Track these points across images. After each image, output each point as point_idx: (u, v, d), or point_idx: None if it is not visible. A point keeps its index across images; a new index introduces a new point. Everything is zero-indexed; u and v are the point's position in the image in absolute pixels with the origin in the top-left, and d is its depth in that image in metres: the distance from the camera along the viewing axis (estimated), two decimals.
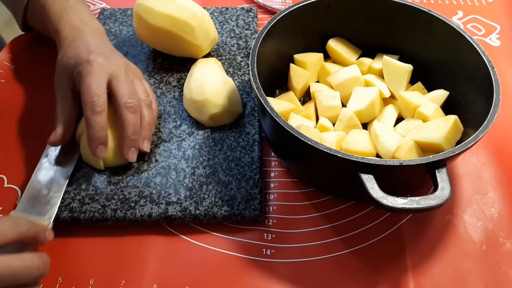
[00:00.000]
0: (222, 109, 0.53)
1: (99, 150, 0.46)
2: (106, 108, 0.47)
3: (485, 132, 0.41)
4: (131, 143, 0.48)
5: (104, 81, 0.47)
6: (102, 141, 0.46)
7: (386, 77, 0.54)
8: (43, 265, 0.38)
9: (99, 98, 0.46)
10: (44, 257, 0.39)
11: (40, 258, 0.38)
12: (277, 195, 0.50)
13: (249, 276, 0.44)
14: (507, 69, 0.63)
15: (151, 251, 0.46)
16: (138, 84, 0.52)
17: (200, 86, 0.53)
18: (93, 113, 0.45)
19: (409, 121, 0.51)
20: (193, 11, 0.57)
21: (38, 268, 0.38)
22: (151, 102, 0.52)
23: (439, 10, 0.58)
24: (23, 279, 0.37)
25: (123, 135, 0.48)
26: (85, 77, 0.47)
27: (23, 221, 0.39)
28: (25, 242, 0.40)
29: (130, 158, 0.48)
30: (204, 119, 0.53)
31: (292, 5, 0.53)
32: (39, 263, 0.38)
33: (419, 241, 0.47)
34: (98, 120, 0.46)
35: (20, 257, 0.37)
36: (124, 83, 0.49)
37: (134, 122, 0.48)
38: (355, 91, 0.53)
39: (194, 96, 0.53)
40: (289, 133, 0.41)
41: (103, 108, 0.46)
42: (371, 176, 0.39)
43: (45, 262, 0.39)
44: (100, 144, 0.46)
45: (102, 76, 0.47)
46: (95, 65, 0.47)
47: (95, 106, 0.45)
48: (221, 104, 0.53)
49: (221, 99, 0.53)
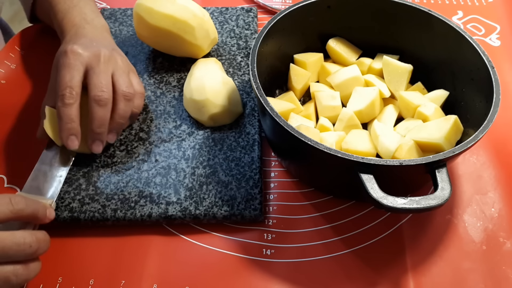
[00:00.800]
0: (222, 109, 0.53)
1: (70, 141, 0.47)
2: (77, 100, 0.46)
3: (485, 132, 0.41)
4: (95, 136, 0.48)
5: (79, 73, 0.47)
6: (71, 132, 0.46)
7: (386, 77, 0.54)
8: (36, 243, 0.39)
9: (71, 91, 0.46)
10: (39, 234, 0.40)
11: (33, 236, 0.39)
12: (277, 195, 0.51)
13: (249, 276, 0.44)
14: (507, 69, 0.63)
15: (151, 251, 0.46)
16: (121, 76, 0.50)
17: (200, 86, 0.53)
18: (63, 105, 0.46)
19: (409, 121, 0.51)
20: (193, 11, 0.57)
21: (30, 245, 0.38)
22: (132, 96, 0.50)
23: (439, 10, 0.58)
24: (15, 255, 0.38)
25: (89, 127, 0.48)
26: (60, 68, 0.47)
27: (19, 199, 0.39)
28: (22, 219, 0.40)
29: (94, 150, 0.49)
30: (204, 119, 0.53)
31: (292, 5, 0.53)
32: (31, 240, 0.38)
33: (419, 241, 0.47)
34: (67, 112, 0.46)
35: (12, 234, 0.38)
36: (99, 74, 0.48)
37: (100, 116, 0.47)
38: (355, 91, 0.53)
39: (194, 96, 0.53)
40: (289, 133, 0.41)
41: (74, 100, 0.46)
42: (371, 176, 0.39)
43: (39, 239, 0.39)
44: (70, 135, 0.46)
45: (77, 68, 0.47)
46: (71, 56, 0.47)
47: (65, 99, 0.46)
48: (221, 104, 0.53)
49: (221, 99, 0.53)
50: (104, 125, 0.48)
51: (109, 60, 0.50)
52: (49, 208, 0.43)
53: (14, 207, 0.39)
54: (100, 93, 0.47)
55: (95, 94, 0.47)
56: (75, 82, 0.47)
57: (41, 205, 0.42)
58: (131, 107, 0.51)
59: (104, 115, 0.48)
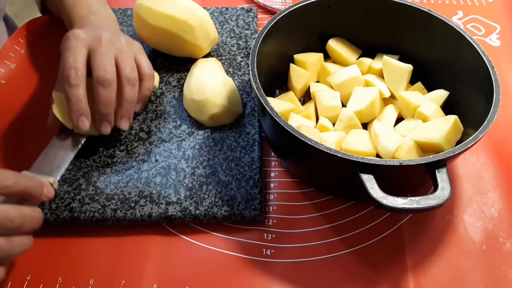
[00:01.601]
0: (222, 109, 0.53)
1: (80, 122, 0.46)
2: (83, 81, 0.46)
3: (485, 132, 0.41)
4: (102, 117, 0.48)
5: (83, 55, 0.47)
6: (81, 113, 0.46)
7: (386, 77, 0.54)
8: (19, 218, 0.39)
9: (76, 72, 0.46)
10: (25, 210, 0.40)
11: (17, 211, 0.39)
12: (277, 195, 0.51)
13: (249, 276, 0.44)
14: (507, 69, 0.63)
15: (151, 251, 0.46)
16: (124, 59, 0.49)
17: (200, 86, 0.53)
18: (69, 87, 0.46)
19: (409, 121, 0.51)
20: (193, 11, 0.57)
21: (11, 220, 0.38)
22: (136, 80, 0.50)
23: (439, 10, 0.58)
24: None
25: (96, 108, 0.48)
26: (63, 52, 0.47)
27: (9, 175, 0.39)
28: (13, 196, 0.40)
29: (103, 131, 0.48)
30: (204, 119, 0.53)
31: (292, 5, 0.53)
32: (15, 215, 0.38)
33: (419, 241, 0.47)
34: (75, 93, 0.46)
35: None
36: (101, 56, 0.47)
37: (105, 97, 0.47)
38: (355, 91, 0.53)
39: (194, 96, 0.53)
40: (289, 133, 0.41)
41: (80, 81, 0.46)
42: (371, 176, 0.39)
43: (24, 215, 0.39)
44: (80, 116, 0.46)
45: (80, 49, 0.47)
46: (73, 39, 0.47)
47: (71, 80, 0.45)
48: (221, 104, 0.53)
49: (221, 99, 0.53)
50: (110, 106, 0.48)
51: (111, 42, 0.49)
52: (47, 186, 0.42)
53: (2, 183, 0.38)
54: (103, 73, 0.47)
55: (98, 75, 0.47)
56: (79, 63, 0.46)
57: (37, 183, 0.41)
58: (136, 91, 0.50)
59: (109, 96, 0.47)
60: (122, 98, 0.49)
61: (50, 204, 0.48)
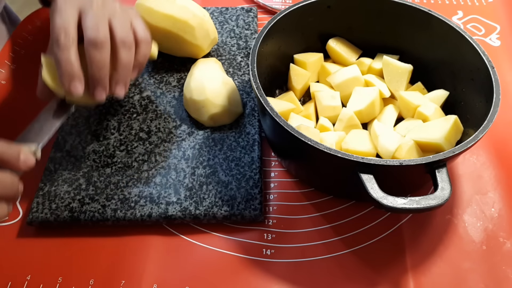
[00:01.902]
0: (222, 109, 0.53)
1: (73, 87, 0.43)
2: (74, 43, 0.43)
3: (485, 132, 0.41)
4: (95, 82, 0.44)
5: (73, 16, 0.44)
6: (73, 77, 0.42)
7: (386, 77, 0.54)
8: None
9: (66, 33, 0.42)
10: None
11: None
12: (277, 195, 0.51)
13: (249, 276, 0.44)
14: (507, 69, 0.63)
15: (151, 251, 0.46)
16: (119, 22, 0.46)
17: (200, 86, 0.53)
18: (60, 50, 0.42)
19: (409, 121, 0.51)
20: (193, 11, 0.57)
21: None
22: (132, 43, 0.46)
23: (439, 10, 0.58)
24: None
25: (89, 73, 0.44)
26: (51, 15, 0.44)
27: None
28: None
29: (97, 97, 0.45)
30: (204, 119, 0.53)
31: (292, 5, 0.53)
32: None
33: (419, 241, 0.47)
34: (65, 56, 0.42)
35: None
36: (92, 17, 0.44)
37: (98, 59, 0.43)
38: (355, 91, 0.53)
39: (194, 96, 0.53)
40: (289, 133, 0.41)
41: (70, 43, 0.42)
42: (371, 176, 0.39)
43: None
44: (72, 81, 0.43)
45: (69, 11, 0.44)
46: (61, 2, 0.44)
47: (60, 42, 0.42)
48: (221, 104, 0.53)
49: (221, 99, 0.53)
50: (104, 68, 0.44)
51: (103, 5, 0.46)
52: (24, 153, 0.39)
53: None
54: (95, 34, 0.43)
55: (89, 36, 0.43)
56: (68, 24, 0.43)
57: (12, 150, 0.39)
58: (132, 55, 0.46)
59: (102, 58, 0.43)
60: (117, 62, 0.45)
61: (50, 204, 0.48)
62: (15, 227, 0.48)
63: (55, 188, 0.49)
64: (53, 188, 0.49)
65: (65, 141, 0.53)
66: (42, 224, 0.47)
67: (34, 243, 0.47)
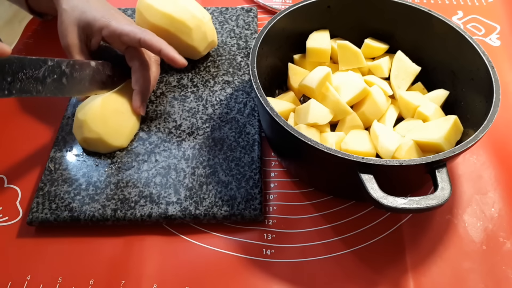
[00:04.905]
0: (96, 135, 0.50)
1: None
2: None
3: (485, 132, 0.41)
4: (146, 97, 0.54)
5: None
6: None
7: (393, 71, 0.54)
8: None
9: None
10: None
11: None
12: (277, 195, 0.51)
13: (249, 276, 0.44)
14: (507, 69, 0.63)
15: (151, 251, 0.46)
16: None
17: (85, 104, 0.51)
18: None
19: (409, 121, 0.51)
20: (192, 12, 0.57)
21: None
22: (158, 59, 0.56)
23: (439, 10, 0.58)
24: None
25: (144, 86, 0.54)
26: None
27: None
28: None
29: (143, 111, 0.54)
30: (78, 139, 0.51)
31: (292, 5, 0.53)
32: None
33: (419, 241, 0.47)
34: None
35: None
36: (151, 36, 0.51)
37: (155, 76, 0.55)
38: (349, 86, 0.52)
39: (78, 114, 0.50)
40: (289, 133, 0.41)
41: None
42: (371, 176, 0.39)
43: None
44: None
45: None
46: None
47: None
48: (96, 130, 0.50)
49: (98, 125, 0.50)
50: None
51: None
52: None
53: None
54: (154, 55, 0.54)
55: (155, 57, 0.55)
56: None
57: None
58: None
59: None
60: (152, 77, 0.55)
61: (50, 204, 0.48)
62: (15, 227, 0.48)
63: (55, 188, 0.49)
64: (53, 188, 0.49)
65: (65, 141, 0.53)
66: (42, 224, 0.47)
67: (34, 243, 0.47)
